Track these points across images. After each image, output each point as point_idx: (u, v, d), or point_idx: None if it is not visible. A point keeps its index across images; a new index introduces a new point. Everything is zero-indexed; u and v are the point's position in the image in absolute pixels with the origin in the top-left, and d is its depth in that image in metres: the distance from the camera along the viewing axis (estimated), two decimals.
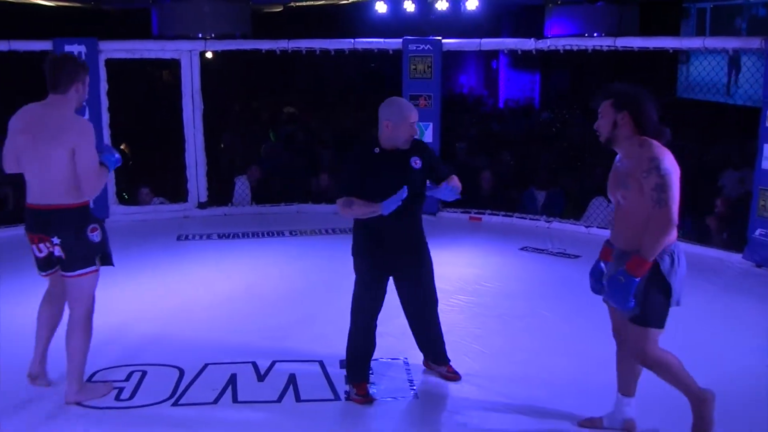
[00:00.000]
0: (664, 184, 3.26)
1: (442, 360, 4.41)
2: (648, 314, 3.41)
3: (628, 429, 3.74)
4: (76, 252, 3.90)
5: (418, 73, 8.24)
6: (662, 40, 7.52)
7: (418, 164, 4.06)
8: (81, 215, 3.91)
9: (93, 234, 3.93)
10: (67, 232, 3.87)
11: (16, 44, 7.73)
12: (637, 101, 3.41)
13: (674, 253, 3.40)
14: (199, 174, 8.54)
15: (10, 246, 7.34)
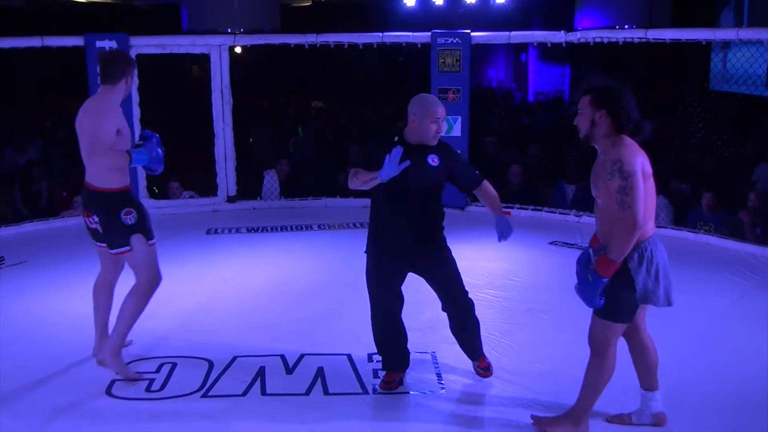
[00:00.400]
0: (626, 187, 3.24)
1: (474, 355, 4.36)
2: (610, 308, 3.42)
3: (657, 423, 3.72)
4: (111, 232, 4.25)
5: (447, 66, 8.20)
6: (695, 31, 7.39)
7: (435, 162, 4.02)
8: (116, 199, 4.23)
9: (127, 217, 4.22)
10: (103, 214, 4.23)
11: (49, 40, 7.81)
12: (616, 99, 3.35)
13: (646, 250, 3.38)
14: (229, 168, 8.59)
15: (43, 239, 7.46)
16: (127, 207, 4.24)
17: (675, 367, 4.38)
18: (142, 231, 4.29)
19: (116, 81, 4.23)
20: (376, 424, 3.85)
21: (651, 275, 3.38)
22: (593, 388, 3.56)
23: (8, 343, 4.85)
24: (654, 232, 3.44)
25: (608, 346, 3.50)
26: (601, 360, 3.51)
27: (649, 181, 3.37)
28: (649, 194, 3.38)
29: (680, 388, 4.13)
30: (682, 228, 7.33)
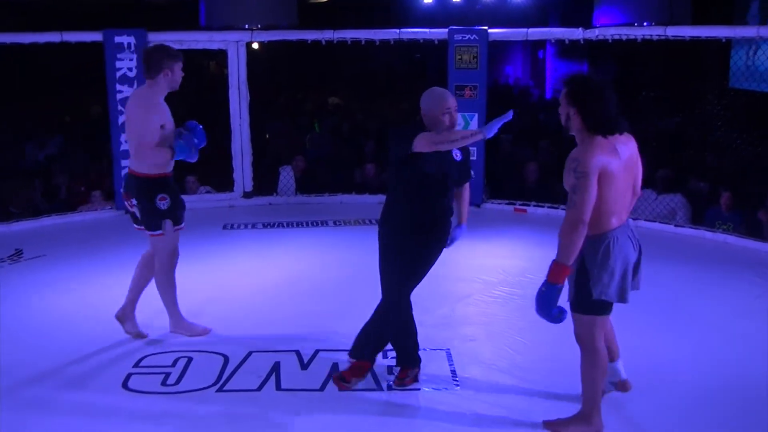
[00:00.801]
0: (577, 185, 3.29)
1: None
2: (585, 303, 3.47)
3: (622, 389, 3.90)
4: (146, 215, 4.57)
5: (464, 63, 8.18)
6: (715, 29, 7.33)
7: (458, 156, 4.09)
8: (153, 184, 4.52)
9: (161, 202, 4.53)
10: (140, 198, 4.54)
11: (68, 35, 7.86)
12: (588, 99, 3.37)
13: (603, 243, 3.39)
14: (245, 164, 8.62)
15: (61, 233, 7.52)
16: (163, 193, 4.53)
17: (693, 366, 4.37)
18: (172, 217, 4.59)
19: (155, 75, 4.46)
20: (390, 420, 3.85)
21: (607, 269, 3.40)
22: (592, 384, 3.59)
23: (26, 336, 4.90)
24: (620, 227, 3.44)
25: (594, 341, 3.54)
26: (592, 355, 3.56)
27: (616, 179, 3.36)
28: (615, 192, 3.37)
29: (700, 386, 4.11)
30: (701, 227, 7.28)
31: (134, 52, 7.96)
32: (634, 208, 7.75)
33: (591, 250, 3.41)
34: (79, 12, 14.29)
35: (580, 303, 3.50)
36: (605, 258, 3.40)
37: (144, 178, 4.53)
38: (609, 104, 3.38)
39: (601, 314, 3.51)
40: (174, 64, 4.49)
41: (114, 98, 7.97)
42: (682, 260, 6.47)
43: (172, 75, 4.48)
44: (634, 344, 4.61)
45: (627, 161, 3.44)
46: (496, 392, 4.11)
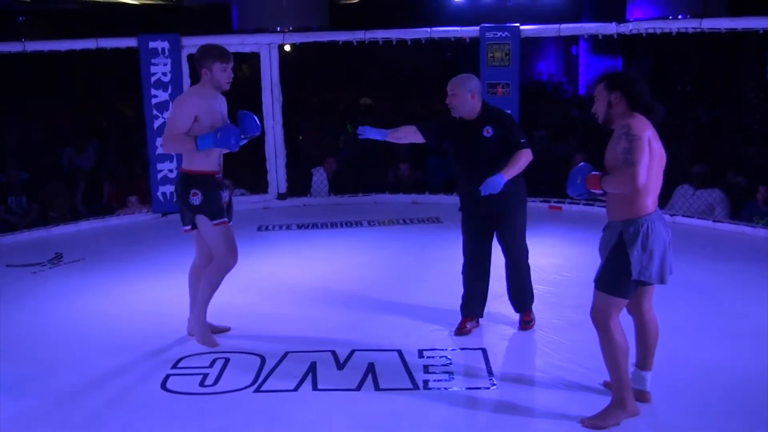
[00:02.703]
0: (631, 148, 3.41)
1: (519, 308, 4.92)
2: (608, 282, 3.58)
3: (640, 399, 3.83)
4: (182, 211, 4.67)
5: (496, 60, 8.14)
6: (752, 20, 7.19)
7: (489, 133, 4.56)
8: (190, 180, 4.56)
9: (194, 198, 4.54)
10: (176, 193, 4.64)
11: (103, 42, 7.98)
12: (629, 81, 3.62)
13: (642, 226, 3.51)
14: (279, 165, 8.68)
15: (100, 237, 7.64)
16: (196, 188, 4.52)
17: (737, 363, 4.30)
18: (206, 212, 4.56)
19: (199, 75, 4.53)
20: (427, 419, 3.84)
21: (646, 251, 3.50)
22: (616, 366, 3.62)
23: (67, 338, 4.98)
24: (655, 210, 3.57)
25: (608, 319, 3.59)
26: (607, 334, 3.60)
27: (656, 157, 3.51)
28: (654, 172, 3.51)
29: (735, 388, 4.05)
30: (740, 222, 7.16)
31: (168, 57, 8.05)
32: (671, 203, 7.74)
33: (631, 232, 3.51)
34: (114, 19, 14.50)
35: (610, 282, 3.58)
36: (645, 240, 3.50)
37: (183, 174, 4.59)
38: (646, 89, 3.62)
39: (624, 296, 3.59)
40: (213, 63, 4.48)
41: (149, 103, 8.08)
42: (720, 256, 6.37)
43: (211, 74, 4.49)
44: (672, 342, 4.55)
45: (659, 149, 3.57)
46: (533, 391, 4.09)
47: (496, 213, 4.69)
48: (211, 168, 4.58)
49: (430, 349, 4.58)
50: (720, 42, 7.57)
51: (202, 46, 4.62)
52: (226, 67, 4.51)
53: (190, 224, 4.66)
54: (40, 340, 4.96)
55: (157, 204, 8.25)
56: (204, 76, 4.51)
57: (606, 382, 4.01)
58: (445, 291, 5.59)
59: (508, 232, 4.78)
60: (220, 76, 4.50)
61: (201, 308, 4.74)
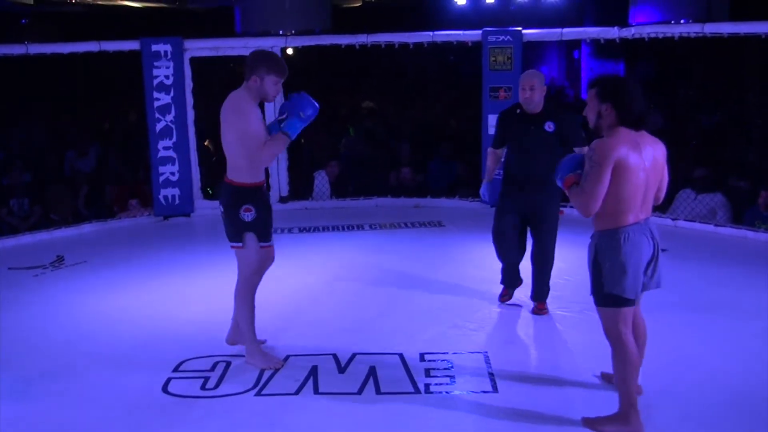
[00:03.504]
0: (589, 174, 3.44)
1: (536, 297, 5.21)
2: (599, 295, 3.59)
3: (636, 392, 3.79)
4: (228, 225, 4.34)
5: (498, 64, 8.15)
6: (754, 24, 7.19)
7: (551, 128, 4.83)
8: (241, 194, 4.26)
9: (246, 213, 4.25)
10: (225, 206, 4.32)
11: (106, 45, 8.00)
12: (621, 93, 3.50)
13: (614, 239, 3.49)
14: (281, 169, 8.68)
15: (102, 240, 7.65)
16: (249, 204, 4.25)
17: (738, 368, 4.29)
18: (256, 231, 4.33)
19: (247, 78, 4.23)
20: (428, 423, 3.84)
21: (618, 264, 3.48)
22: (624, 380, 3.60)
23: (69, 341, 4.98)
24: (635, 224, 3.50)
25: (621, 333, 3.57)
26: (621, 348, 3.58)
27: (634, 174, 3.45)
28: (632, 187, 3.46)
29: (747, 388, 4.04)
30: (741, 226, 7.15)
31: (171, 60, 8.07)
32: (673, 207, 7.73)
33: (604, 244, 3.53)
34: (117, 21, 14.52)
35: (596, 295, 3.61)
36: (616, 253, 3.48)
37: (234, 186, 4.26)
38: (640, 98, 3.51)
39: (619, 306, 3.55)
40: (266, 74, 4.18)
41: (151, 106, 8.09)
42: (722, 261, 6.36)
43: (261, 83, 4.19)
44: (672, 346, 4.56)
45: (653, 162, 3.52)
46: (535, 394, 4.08)
47: (539, 202, 5.00)
48: (262, 178, 4.33)
49: (431, 353, 4.58)
50: (723, 46, 7.56)
51: (259, 51, 4.35)
52: (279, 81, 4.25)
53: (242, 240, 4.33)
54: (42, 343, 4.96)
55: (158, 207, 8.26)
56: (252, 83, 4.20)
57: (603, 373, 4.10)
58: (446, 294, 5.59)
59: (545, 223, 5.08)
60: (270, 89, 4.22)
61: (249, 334, 4.45)
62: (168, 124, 8.15)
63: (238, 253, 4.39)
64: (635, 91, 3.51)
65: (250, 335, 4.45)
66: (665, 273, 3.70)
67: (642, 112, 3.51)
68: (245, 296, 4.42)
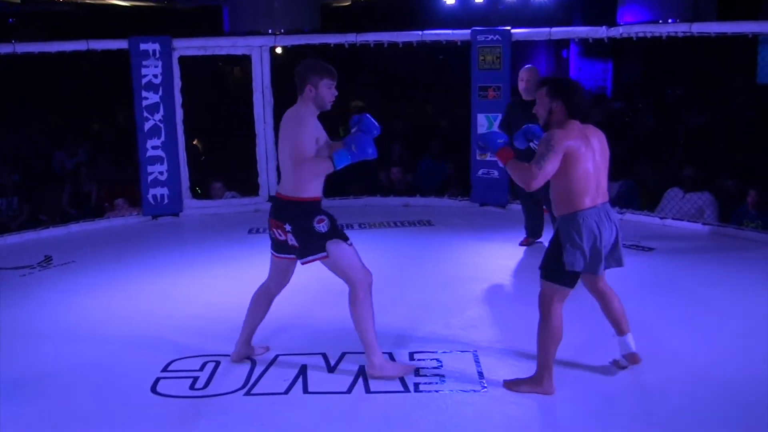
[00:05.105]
0: (545, 154, 3.75)
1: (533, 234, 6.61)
2: (547, 269, 3.94)
3: (633, 362, 4.22)
4: (305, 240, 4.18)
5: (487, 64, 8.16)
6: (741, 24, 7.23)
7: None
8: (310, 208, 4.17)
9: (320, 225, 4.16)
10: (298, 223, 4.16)
11: (94, 43, 7.95)
12: (569, 90, 3.89)
13: (574, 222, 3.82)
14: (270, 168, 8.67)
15: (90, 240, 7.62)
16: (320, 215, 4.17)
17: (727, 364, 4.32)
18: (337, 235, 4.23)
19: (301, 90, 4.16)
20: (417, 422, 3.84)
21: (576, 245, 3.82)
22: (545, 349, 3.95)
23: (56, 341, 4.96)
24: (592, 208, 3.84)
25: (551, 306, 3.92)
26: (546, 319, 3.94)
27: (584, 161, 3.81)
28: (584, 172, 3.81)
29: (725, 387, 4.07)
30: (729, 225, 7.19)
31: (159, 59, 8.04)
32: (661, 207, 7.77)
33: (564, 227, 3.86)
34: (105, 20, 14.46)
35: (549, 270, 3.93)
36: (576, 235, 3.82)
37: (300, 202, 4.14)
38: (584, 95, 3.97)
39: (564, 284, 3.91)
40: (319, 80, 4.13)
41: (140, 105, 8.06)
42: (710, 259, 6.39)
43: (316, 91, 4.13)
44: (662, 343, 4.58)
45: (600, 150, 3.91)
46: (524, 394, 4.08)
47: None
48: (321, 193, 4.28)
49: (420, 352, 4.59)
50: (710, 46, 7.60)
51: (307, 60, 4.27)
52: (333, 84, 4.18)
53: (324, 251, 4.20)
54: (29, 343, 4.93)
55: (147, 207, 8.23)
56: (308, 93, 4.13)
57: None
58: (436, 294, 5.60)
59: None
60: (326, 93, 4.16)
61: (374, 345, 4.24)
62: (156, 123, 8.12)
63: (328, 264, 4.23)
64: (580, 89, 3.96)
65: (375, 346, 4.23)
66: (654, 270, 3.74)
67: (587, 106, 3.95)
68: (365, 303, 4.24)
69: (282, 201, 4.20)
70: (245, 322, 4.54)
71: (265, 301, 4.55)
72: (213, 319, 5.25)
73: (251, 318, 4.54)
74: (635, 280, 5.80)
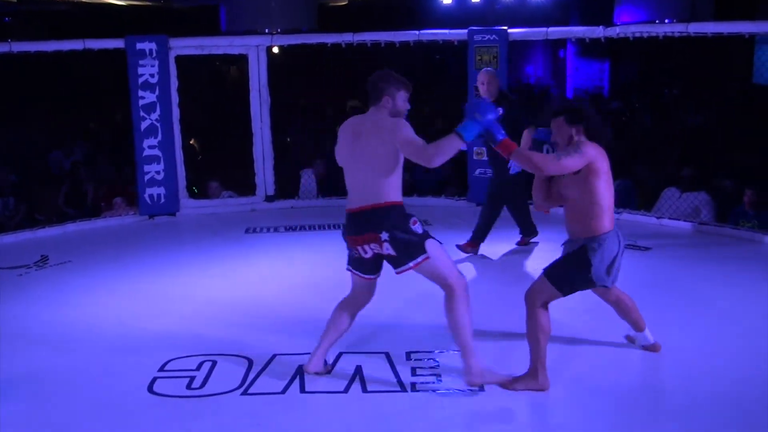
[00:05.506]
0: (570, 154, 3.87)
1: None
2: (563, 279, 4.03)
3: (653, 350, 4.45)
4: (405, 246, 4.02)
5: (484, 63, 8.15)
6: (737, 24, 7.23)
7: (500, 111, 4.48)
8: (399, 212, 4.09)
9: (416, 226, 4.05)
10: (395, 229, 4.01)
11: (91, 43, 7.94)
12: (588, 115, 4.03)
13: (602, 241, 3.97)
14: (267, 168, 8.66)
15: (87, 239, 7.61)
16: (412, 216, 4.08)
17: (724, 363, 4.32)
18: (431, 235, 4.11)
19: (377, 100, 4.16)
20: (413, 421, 3.84)
21: (603, 262, 3.99)
22: (536, 342, 4.04)
23: (52, 341, 4.95)
24: (612, 230, 4.01)
25: (542, 306, 4.05)
26: (534, 315, 4.04)
27: (608, 177, 3.98)
28: (609, 187, 3.99)
29: (732, 384, 4.07)
30: (725, 225, 7.19)
31: (156, 58, 8.03)
32: (658, 206, 7.78)
33: (594, 246, 3.98)
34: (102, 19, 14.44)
35: (557, 275, 4.03)
36: (606, 255, 4.00)
37: (392, 207, 4.07)
38: (600, 118, 4.11)
39: (563, 292, 4.05)
40: (398, 92, 4.14)
41: (136, 104, 8.05)
42: (707, 259, 6.40)
43: (393, 102, 4.13)
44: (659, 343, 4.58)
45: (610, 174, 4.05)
46: (521, 393, 4.08)
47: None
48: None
49: (417, 351, 4.59)
50: (707, 46, 7.62)
51: (384, 72, 4.28)
52: (408, 96, 4.20)
53: (425, 252, 4.02)
54: (26, 343, 4.92)
55: (144, 206, 8.22)
56: (385, 103, 4.13)
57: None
58: (432, 293, 5.58)
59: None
60: (403, 105, 4.17)
61: (472, 349, 4.09)
62: (153, 122, 8.11)
63: (427, 267, 4.05)
64: (595, 112, 4.10)
65: (474, 352, 4.09)
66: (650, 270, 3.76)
67: (603, 128, 4.06)
68: (464, 306, 4.08)
69: (370, 211, 4.07)
70: (325, 335, 4.36)
71: (351, 313, 4.40)
72: (210, 318, 5.25)
73: (328, 330, 4.38)
74: (632, 279, 5.79)
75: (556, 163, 3.88)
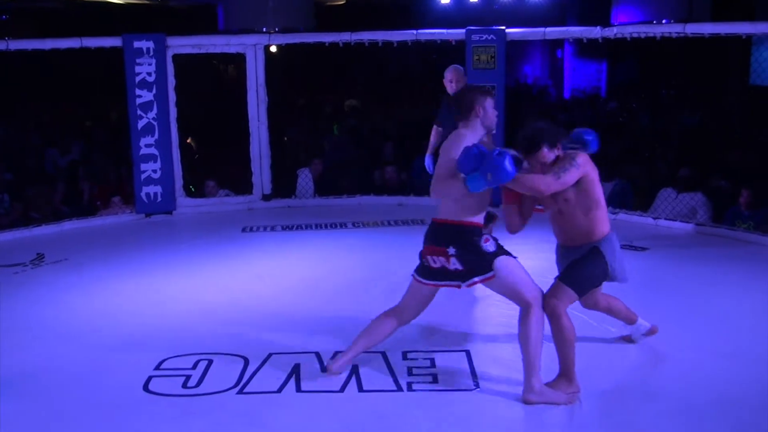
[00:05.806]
0: (567, 168, 3.96)
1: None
2: (574, 278, 4.08)
3: (653, 333, 4.59)
4: (471, 263, 4.02)
5: (482, 63, 8.16)
6: (734, 25, 7.24)
7: None
8: (470, 232, 4.04)
9: (487, 244, 4.03)
10: (461, 244, 4.02)
11: (88, 41, 7.94)
12: (558, 130, 4.15)
13: (611, 241, 4.14)
14: (264, 167, 8.65)
15: (83, 238, 7.60)
16: (485, 235, 4.08)
17: (719, 365, 4.33)
18: (504, 252, 4.11)
19: (467, 116, 4.13)
20: (410, 421, 3.84)
21: (617, 260, 4.14)
22: (563, 348, 4.03)
23: (48, 339, 4.94)
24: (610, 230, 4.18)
25: (561, 308, 4.01)
26: (559, 321, 4.00)
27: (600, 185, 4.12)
28: (602, 196, 4.12)
29: (728, 386, 4.07)
30: (721, 225, 7.20)
31: (153, 56, 8.02)
32: (654, 207, 7.79)
33: (606, 247, 4.11)
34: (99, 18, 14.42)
35: (578, 280, 4.07)
36: (618, 253, 4.16)
37: (461, 226, 4.04)
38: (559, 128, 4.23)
39: (581, 293, 4.11)
40: (485, 101, 4.14)
41: (133, 103, 8.04)
42: (703, 259, 6.41)
43: (484, 113, 4.12)
44: (653, 345, 4.59)
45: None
46: (517, 393, 4.08)
47: None
48: (483, 221, 4.14)
49: (413, 351, 4.59)
50: (704, 46, 7.62)
51: (467, 86, 4.38)
52: (493, 102, 4.20)
53: (492, 269, 4.01)
54: (21, 341, 4.91)
55: (140, 205, 8.21)
56: (477, 115, 4.12)
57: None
58: None
59: None
60: (492, 113, 4.15)
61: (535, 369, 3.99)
62: (150, 121, 8.11)
63: (497, 284, 4.06)
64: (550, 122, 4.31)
65: (539, 371, 4.00)
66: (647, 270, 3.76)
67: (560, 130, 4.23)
68: (539, 323, 4.00)
69: (440, 225, 4.10)
70: (360, 339, 4.32)
71: (392, 326, 4.34)
72: (206, 317, 5.25)
73: (368, 338, 4.33)
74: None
75: (558, 183, 3.94)
